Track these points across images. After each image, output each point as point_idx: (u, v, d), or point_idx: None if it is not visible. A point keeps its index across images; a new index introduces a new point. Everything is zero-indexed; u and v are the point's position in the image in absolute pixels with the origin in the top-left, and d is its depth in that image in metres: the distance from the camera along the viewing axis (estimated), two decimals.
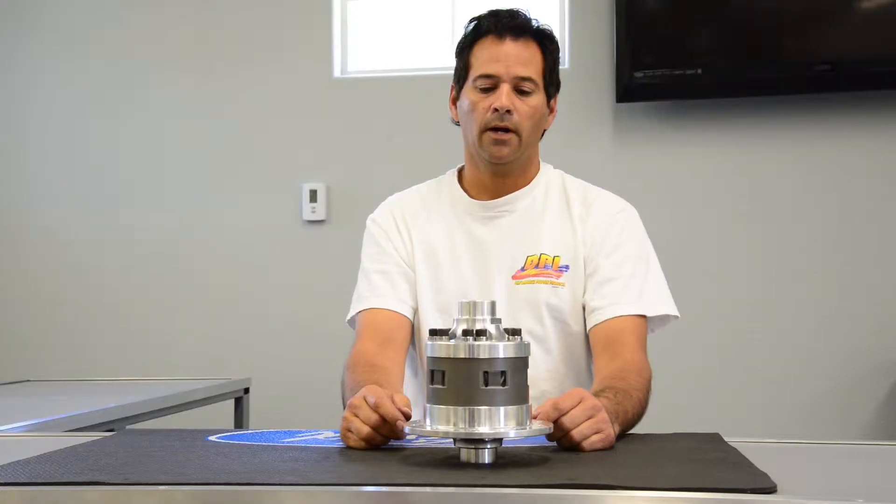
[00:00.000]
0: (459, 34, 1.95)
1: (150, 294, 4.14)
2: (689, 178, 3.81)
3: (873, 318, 3.69)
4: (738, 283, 3.77)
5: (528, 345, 1.30)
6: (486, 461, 1.25)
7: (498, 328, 1.27)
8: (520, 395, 1.26)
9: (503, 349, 1.25)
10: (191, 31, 4.17)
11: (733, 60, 3.74)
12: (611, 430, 1.41)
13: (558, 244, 1.85)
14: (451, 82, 1.96)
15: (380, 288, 1.87)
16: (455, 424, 1.23)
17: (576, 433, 1.36)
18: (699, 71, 3.69)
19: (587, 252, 1.84)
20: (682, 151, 3.82)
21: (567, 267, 1.84)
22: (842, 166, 3.73)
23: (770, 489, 1.09)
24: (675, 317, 1.85)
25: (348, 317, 1.92)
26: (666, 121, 3.82)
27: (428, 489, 1.10)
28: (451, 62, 4.60)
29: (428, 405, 1.27)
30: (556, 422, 1.34)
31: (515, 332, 1.28)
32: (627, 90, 3.70)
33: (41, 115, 4.28)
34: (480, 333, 1.25)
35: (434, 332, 1.28)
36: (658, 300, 1.83)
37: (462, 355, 1.24)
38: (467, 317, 1.27)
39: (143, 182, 4.17)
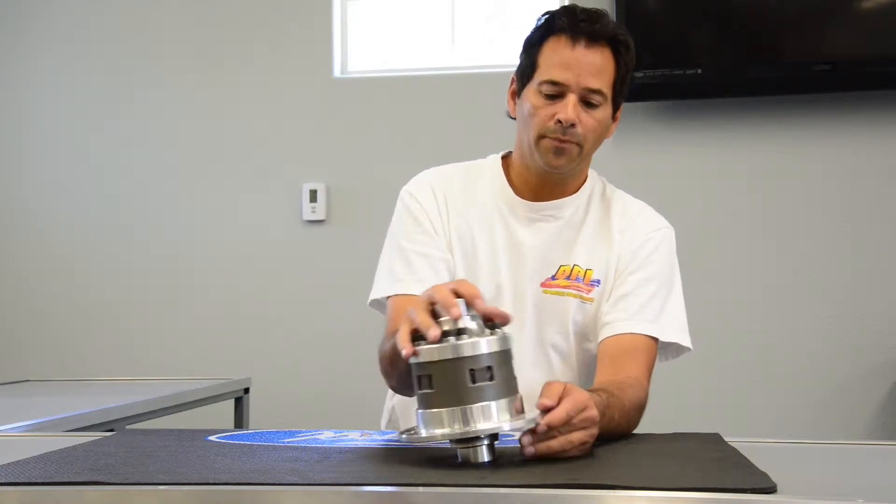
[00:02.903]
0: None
1: (150, 294, 4.14)
2: (689, 177, 3.81)
3: (873, 319, 3.69)
4: (737, 283, 3.77)
5: (510, 336, 1.28)
6: (485, 458, 1.24)
7: (479, 324, 1.26)
8: (509, 387, 1.26)
9: (486, 344, 1.24)
10: (191, 32, 4.17)
11: (733, 60, 3.74)
12: (590, 444, 1.33)
13: (593, 257, 1.78)
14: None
15: (421, 272, 1.73)
16: (449, 426, 1.23)
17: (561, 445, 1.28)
18: (699, 71, 3.69)
19: (617, 266, 1.77)
20: (682, 151, 3.82)
21: (598, 282, 1.77)
22: (842, 166, 3.73)
23: (770, 489, 1.08)
24: (689, 349, 1.79)
25: (374, 297, 1.77)
26: (666, 121, 3.82)
27: (428, 489, 1.10)
28: (450, 62, 4.59)
29: (419, 411, 1.26)
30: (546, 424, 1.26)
31: (495, 326, 1.27)
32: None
33: (41, 115, 4.28)
34: (461, 332, 1.24)
35: (414, 339, 1.26)
36: (674, 327, 1.76)
37: (446, 356, 1.23)
38: (445, 317, 1.26)
39: (143, 182, 4.17)
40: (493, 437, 1.26)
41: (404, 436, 1.29)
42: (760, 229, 3.77)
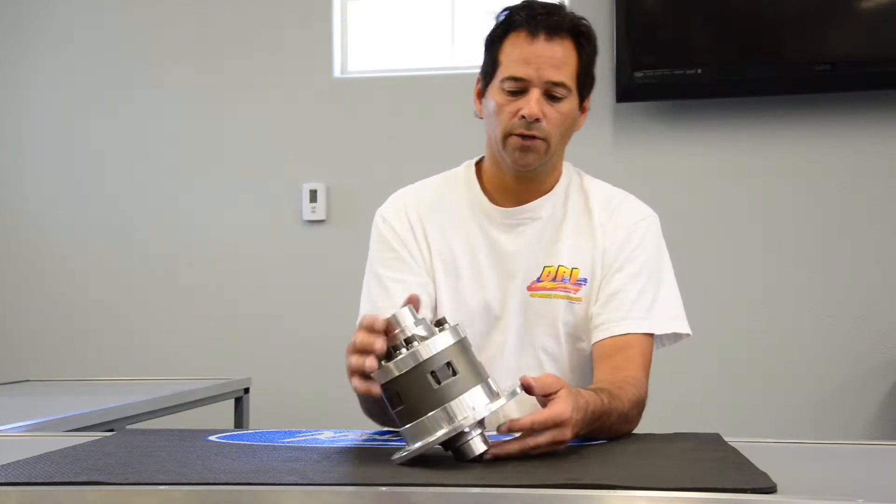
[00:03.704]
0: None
1: (150, 294, 4.14)
2: (689, 178, 3.81)
3: (873, 319, 3.69)
4: (737, 283, 3.77)
5: (458, 325, 1.28)
6: (480, 450, 1.24)
7: (427, 326, 1.26)
8: (475, 374, 1.25)
9: (436, 343, 1.24)
10: (191, 31, 4.17)
11: (733, 60, 3.74)
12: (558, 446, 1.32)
13: (577, 256, 1.76)
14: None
15: (398, 298, 1.69)
16: (433, 432, 1.22)
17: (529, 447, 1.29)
18: (699, 71, 3.69)
19: (603, 262, 1.76)
20: (682, 151, 3.82)
21: (585, 280, 1.75)
22: (842, 166, 3.73)
23: (770, 489, 1.08)
24: (688, 334, 1.77)
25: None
26: (665, 121, 3.82)
27: (428, 489, 1.10)
28: (450, 62, 4.59)
29: (401, 429, 1.26)
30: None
31: (442, 322, 1.27)
32: (627, 90, 3.70)
33: (41, 115, 4.28)
34: (409, 342, 1.24)
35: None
36: (668, 317, 1.74)
37: (403, 369, 1.23)
38: (392, 333, 1.26)
39: (143, 182, 4.18)
40: (481, 425, 1.25)
41: (395, 456, 1.27)
42: (760, 229, 3.77)
